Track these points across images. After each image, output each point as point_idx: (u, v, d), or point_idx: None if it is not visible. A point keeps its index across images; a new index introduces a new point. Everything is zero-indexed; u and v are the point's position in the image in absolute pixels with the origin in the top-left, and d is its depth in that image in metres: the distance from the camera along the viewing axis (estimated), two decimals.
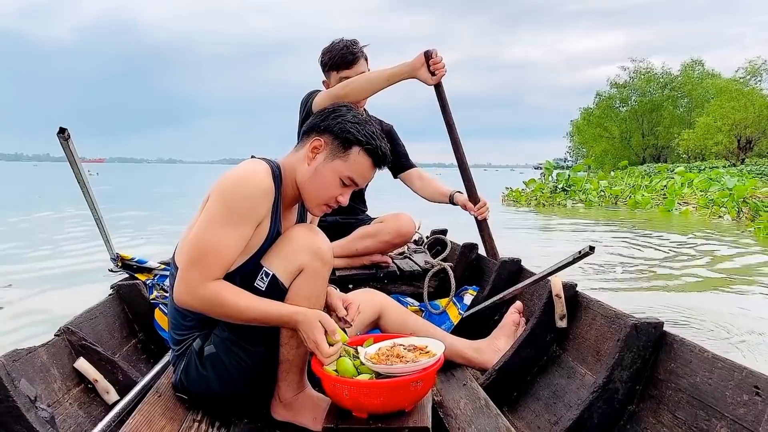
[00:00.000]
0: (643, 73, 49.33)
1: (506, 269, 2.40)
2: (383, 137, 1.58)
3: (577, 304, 1.90)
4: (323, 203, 1.57)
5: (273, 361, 1.59)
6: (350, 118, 1.55)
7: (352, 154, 1.53)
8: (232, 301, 1.44)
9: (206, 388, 1.58)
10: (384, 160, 1.57)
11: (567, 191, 16.10)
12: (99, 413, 1.71)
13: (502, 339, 2.06)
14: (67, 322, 1.85)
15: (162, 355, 2.13)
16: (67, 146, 1.95)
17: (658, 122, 47.73)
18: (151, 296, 2.30)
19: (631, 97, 49.94)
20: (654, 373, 1.49)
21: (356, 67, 2.52)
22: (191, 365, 1.58)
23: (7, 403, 1.32)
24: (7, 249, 7.42)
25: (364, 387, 1.41)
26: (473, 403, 1.69)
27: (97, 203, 2.17)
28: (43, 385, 1.57)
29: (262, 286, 1.51)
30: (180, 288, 1.45)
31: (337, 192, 1.55)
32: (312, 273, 1.53)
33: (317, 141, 1.55)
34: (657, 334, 1.50)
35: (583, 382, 1.70)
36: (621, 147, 49.28)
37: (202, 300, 1.44)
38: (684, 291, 5.02)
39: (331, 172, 1.53)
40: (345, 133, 1.53)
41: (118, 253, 2.39)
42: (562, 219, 11.66)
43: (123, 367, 1.85)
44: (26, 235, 9.03)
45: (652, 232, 9.10)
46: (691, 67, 49.10)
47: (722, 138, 36.05)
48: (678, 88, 47.92)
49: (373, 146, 1.54)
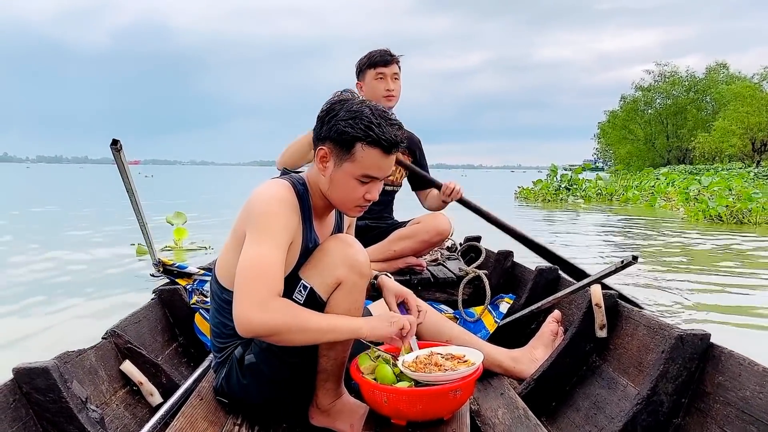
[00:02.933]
0: (668, 76, 50.26)
1: (543, 277, 2.37)
2: (385, 115, 1.48)
3: (618, 314, 1.87)
4: (353, 206, 1.55)
5: (311, 371, 1.60)
6: (343, 115, 1.46)
7: (356, 152, 1.45)
8: (301, 311, 1.39)
9: (246, 395, 1.61)
10: (393, 143, 1.46)
11: (569, 189, 18.86)
12: (144, 415, 1.75)
13: (540, 349, 2.03)
14: (113, 325, 1.90)
15: (202, 358, 2.18)
16: (118, 156, 2.03)
17: (682, 125, 48.79)
18: (191, 301, 2.36)
19: (655, 99, 51.07)
20: (701, 386, 1.46)
21: (392, 67, 2.75)
22: (232, 373, 1.61)
23: (60, 403, 1.37)
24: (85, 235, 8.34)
25: (404, 394, 1.42)
26: (511, 413, 1.67)
27: (143, 210, 2.24)
28: (92, 386, 1.63)
29: (300, 299, 1.50)
30: (250, 312, 1.34)
31: (361, 192, 1.51)
32: (350, 286, 1.52)
33: (321, 151, 1.50)
34: (704, 345, 1.46)
35: (626, 393, 1.67)
36: (645, 149, 50.49)
37: (277, 312, 1.34)
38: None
39: (345, 177, 1.49)
40: (342, 135, 1.45)
41: (159, 259, 2.45)
42: (563, 212, 13.98)
43: (166, 370, 1.89)
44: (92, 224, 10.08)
45: (632, 218, 12.31)
46: (716, 70, 49.95)
47: (736, 141, 38.22)
48: (702, 90, 48.82)
49: (374, 137, 1.43)
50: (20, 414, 1.35)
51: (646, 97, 51.30)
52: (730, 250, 7.40)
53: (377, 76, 2.72)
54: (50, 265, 6.21)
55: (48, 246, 7.56)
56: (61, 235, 9.08)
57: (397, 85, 2.77)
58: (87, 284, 5.27)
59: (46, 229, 10.07)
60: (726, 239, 8.38)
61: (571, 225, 11.21)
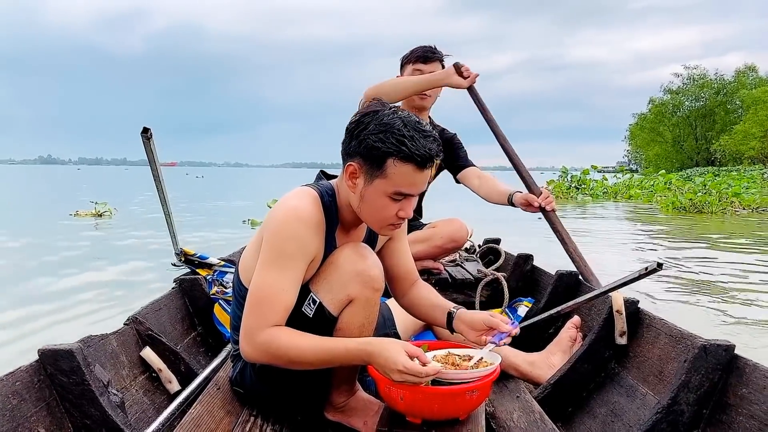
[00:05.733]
0: (696, 79, 50.29)
1: (563, 282, 2.35)
2: (419, 127, 1.37)
3: (639, 321, 1.84)
4: (386, 224, 1.45)
5: (325, 373, 1.57)
6: (373, 128, 1.36)
7: (388, 168, 1.35)
8: (292, 344, 1.34)
9: (259, 392, 1.62)
10: (427, 157, 1.35)
11: (579, 188, 21.71)
12: (162, 401, 1.78)
13: (558, 354, 2.01)
14: (134, 312, 1.94)
15: (220, 348, 2.20)
16: (148, 144, 2.06)
17: (711, 127, 48.89)
18: (211, 291, 2.39)
19: (684, 102, 51.20)
20: (723, 398, 1.43)
21: (432, 65, 2.69)
22: (246, 371, 1.61)
23: (83, 386, 1.40)
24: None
25: (420, 392, 1.41)
26: (527, 416, 1.66)
27: (168, 200, 2.27)
28: (113, 371, 1.66)
29: (309, 312, 1.45)
30: (242, 341, 1.38)
31: (393, 210, 1.41)
32: (363, 302, 1.46)
33: (350, 167, 1.41)
34: (727, 357, 1.44)
35: (645, 402, 1.65)
36: (673, 151, 50.96)
37: (260, 348, 1.36)
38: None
39: (376, 194, 1.39)
40: (372, 150, 1.35)
41: (182, 249, 2.49)
42: (574, 207, 16.46)
43: (185, 358, 1.92)
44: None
45: (619, 208, 15.97)
46: (744, 73, 49.81)
47: (756, 144, 39.45)
48: (731, 93, 48.91)
49: (406, 152, 1.33)
50: (44, 395, 1.39)
51: (674, 100, 51.48)
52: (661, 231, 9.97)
53: (414, 72, 2.69)
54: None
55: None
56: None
57: None
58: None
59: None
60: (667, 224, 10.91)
61: (577, 214, 14.19)
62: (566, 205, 17.25)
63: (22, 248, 7.49)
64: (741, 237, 8.81)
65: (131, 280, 5.40)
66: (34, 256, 6.84)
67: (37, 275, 5.63)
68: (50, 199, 19.47)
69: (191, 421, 1.45)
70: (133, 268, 6.01)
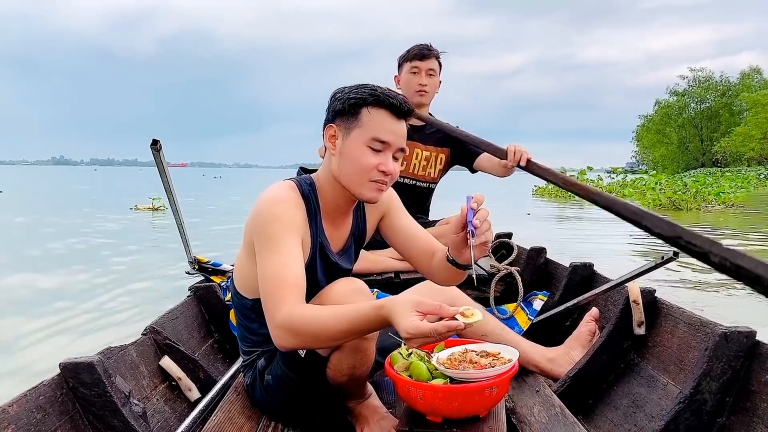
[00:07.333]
0: (701, 81, 51.27)
1: (578, 274, 2.34)
2: (391, 90, 1.45)
3: (656, 311, 1.83)
4: (367, 180, 1.43)
5: (331, 390, 1.57)
6: (347, 90, 1.44)
7: (363, 116, 1.40)
8: (310, 316, 1.28)
9: (269, 405, 1.63)
10: (401, 103, 1.40)
11: None
12: (183, 409, 1.79)
13: (578, 349, 1.99)
14: (152, 322, 1.95)
15: (237, 354, 2.21)
16: (158, 156, 2.08)
17: (716, 128, 49.73)
18: (225, 298, 2.40)
19: (689, 104, 52.11)
20: (746, 385, 1.41)
21: (428, 62, 2.71)
22: (255, 384, 1.61)
23: (105, 398, 1.41)
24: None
25: (440, 391, 1.41)
26: (547, 411, 1.65)
27: (180, 210, 2.29)
28: (134, 381, 1.67)
29: (301, 351, 1.46)
30: (270, 330, 1.33)
31: (373, 161, 1.40)
32: (354, 347, 1.44)
33: (330, 129, 1.46)
34: (749, 343, 1.42)
35: (666, 391, 1.63)
36: (679, 152, 51.81)
37: (284, 328, 1.29)
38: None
39: (354, 145, 1.41)
40: (347, 102, 1.41)
41: (195, 257, 2.50)
42: (571, 204, 18.14)
43: (203, 366, 1.93)
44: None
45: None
46: (749, 76, 50.76)
47: (755, 145, 40.84)
48: (735, 95, 49.64)
49: (379, 96, 1.39)
50: (67, 408, 1.40)
51: (680, 102, 52.35)
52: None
53: (412, 70, 2.70)
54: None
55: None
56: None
57: (431, 81, 2.73)
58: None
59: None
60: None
61: (570, 207, 15.84)
62: (564, 203, 19.24)
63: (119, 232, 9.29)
64: (707, 227, 10.31)
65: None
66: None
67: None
68: (104, 196, 22.07)
69: (213, 427, 1.46)
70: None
